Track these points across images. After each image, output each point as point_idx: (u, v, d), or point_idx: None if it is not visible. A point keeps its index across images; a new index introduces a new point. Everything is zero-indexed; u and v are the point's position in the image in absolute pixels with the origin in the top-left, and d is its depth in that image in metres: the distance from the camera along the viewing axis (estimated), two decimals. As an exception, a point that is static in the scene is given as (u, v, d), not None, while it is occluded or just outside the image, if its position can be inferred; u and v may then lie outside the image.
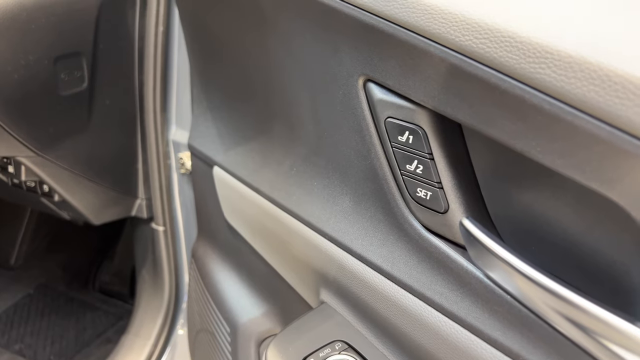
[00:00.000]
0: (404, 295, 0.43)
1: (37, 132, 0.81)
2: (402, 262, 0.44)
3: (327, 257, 0.52)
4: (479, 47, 0.32)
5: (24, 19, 0.74)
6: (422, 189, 0.41)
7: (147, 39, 0.93)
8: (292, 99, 0.56)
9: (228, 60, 0.68)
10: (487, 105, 0.33)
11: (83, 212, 0.99)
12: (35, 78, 0.78)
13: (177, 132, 1.01)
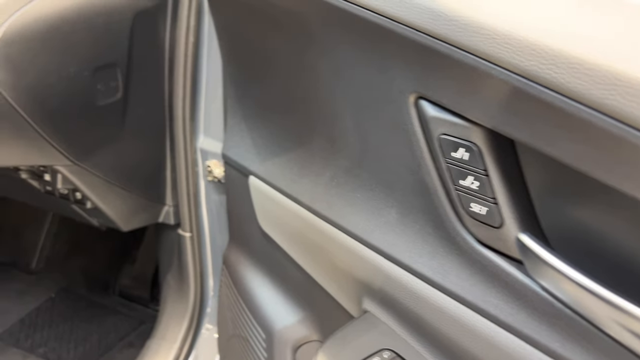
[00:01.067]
0: (456, 306, 0.45)
1: (75, 142, 0.83)
2: (454, 274, 0.45)
3: (371, 267, 0.54)
4: (545, 72, 0.34)
5: (66, 30, 0.76)
6: (477, 204, 0.43)
7: (177, 50, 0.95)
8: (333, 112, 0.58)
9: (265, 72, 0.69)
10: (550, 126, 0.35)
11: (114, 219, 1.01)
12: (74, 89, 0.80)
13: (205, 141, 1.03)
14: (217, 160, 1.02)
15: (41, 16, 0.74)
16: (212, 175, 1.03)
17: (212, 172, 1.03)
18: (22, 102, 0.72)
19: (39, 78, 0.74)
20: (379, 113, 0.51)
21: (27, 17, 0.72)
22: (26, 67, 0.72)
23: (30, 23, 0.72)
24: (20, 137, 0.75)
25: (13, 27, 0.70)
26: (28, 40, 0.72)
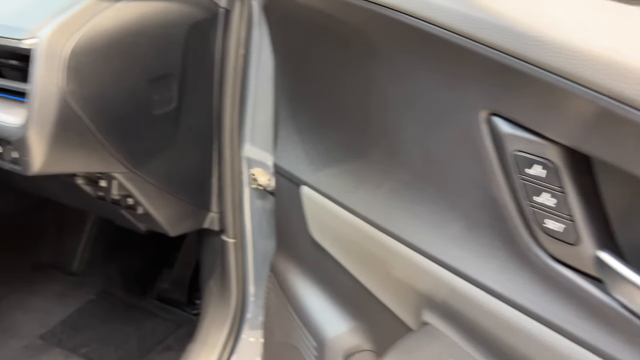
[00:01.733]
0: (528, 322, 0.45)
1: (132, 150, 0.86)
2: (526, 289, 0.46)
3: (434, 280, 0.55)
4: (633, 93, 0.34)
5: (127, 43, 0.79)
6: (552, 220, 0.43)
7: (227, 61, 0.98)
8: (395, 125, 0.59)
9: (322, 84, 0.71)
10: (635, 145, 0.35)
11: (162, 224, 1.04)
12: (133, 99, 0.83)
13: (250, 149, 1.05)
14: (261, 169, 1.04)
15: (106, 29, 0.77)
16: (256, 182, 1.05)
17: (256, 179, 1.05)
18: (87, 112, 0.75)
19: (102, 88, 0.77)
20: (445, 127, 0.52)
21: (93, 30, 0.75)
22: (92, 78, 0.75)
23: (96, 36, 0.75)
24: (84, 145, 0.77)
25: (82, 39, 0.73)
26: (94, 52, 0.75)
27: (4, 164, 0.77)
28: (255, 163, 1.04)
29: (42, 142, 0.71)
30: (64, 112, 0.72)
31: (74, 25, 0.73)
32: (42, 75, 0.69)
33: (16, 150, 0.73)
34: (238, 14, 0.96)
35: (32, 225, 1.68)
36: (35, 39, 0.71)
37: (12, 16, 0.76)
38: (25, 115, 0.71)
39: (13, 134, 0.71)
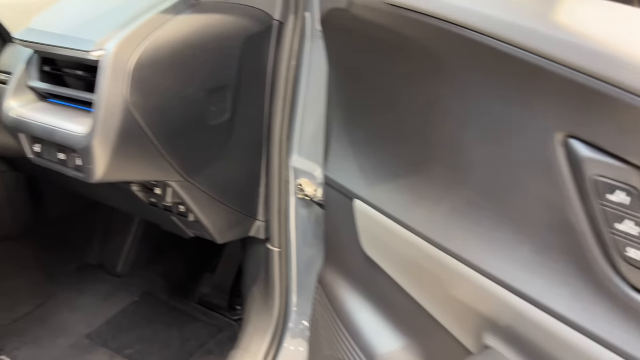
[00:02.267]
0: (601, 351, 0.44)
1: (188, 160, 0.88)
2: (602, 319, 0.44)
3: (498, 303, 0.53)
4: None
5: (187, 55, 0.81)
6: (635, 249, 0.41)
7: (279, 72, 0.99)
8: (459, 143, 0.58)
9: (380, 99, 0.70)
10: None
11: (212, 232, 1.05)
12: (191, 110, 0.85)
13: (298, 160, 1.05)
14: (308, 179, 1.04)
15: (168, 42, 0.79)
16: (302, 193, 1.05)
17: (303, 189, 1.05)
18: (148, 122, 0.77)
19: (163, 100, 0.79)
20: (516, 148, 0.50)
21: (156, 43, 0.77)
22: (154, 90, 0.77)
23: (159, 48, 0.77)
24: (144, 155, 0.79)
25: (145, 52, 0.75)
26: (157, 64, 0.77)
27: (67, 170, 0.80)
28: (302, 173, 1.05)
29: (106, 151, 0.73)
30: (127, 123, 0.74)
31: (138, 38, 0.75)
32: (109, 86, 0.71)
33: (80, 158, 0.75)
34: (292, 26, 0.97)
35: (81, 227, 1.73)
36: (103, 51, 0.73)
37: (79, 29, 0.79)
38: (91, 124, 0.73)
39: (78, 142, 0.73)
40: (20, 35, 0.83)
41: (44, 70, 0.87)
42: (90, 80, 0.83)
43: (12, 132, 0.84)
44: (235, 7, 0.90)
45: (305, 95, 1.01)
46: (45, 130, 0.78)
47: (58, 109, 0.82)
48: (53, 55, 0.81)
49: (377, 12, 0.59)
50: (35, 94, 0.87)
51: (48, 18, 0.85)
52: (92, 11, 0.84)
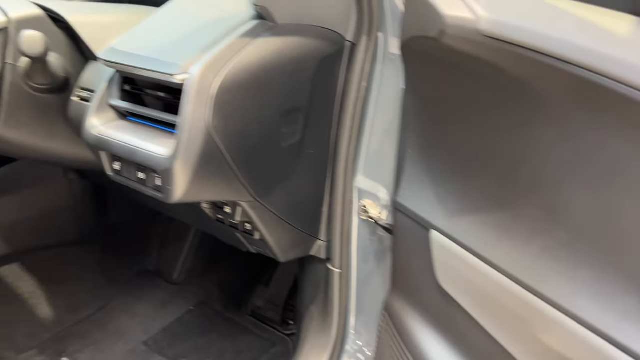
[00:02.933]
0: None
1: (259, 180, 0.88)
2: None
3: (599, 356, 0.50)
4: None
5: (264, 78, 0.82)
6: None
7: (349, 93, 0.98)
8: (555, 181, 0.55)
9: (465, 128, 0.68)
10: None
11: (275, 250, 1.05)
12: (266, 132, 0.85)
13: (363, 181, 1.04)
14: (372, 201, 1.03)
15: (247, 66, 0.79)
16: (366, 214, 1.04)
17: (367, 211, 1.04)
18: (227, 146, 0.78)
19: (242, 123, 0.79)
20: (625, 189, 0.48)
21: (237, 67, 0.78)
22: (234, 113, 0.78)
23: (240, 72, 0.78)
24: (221, 177, 0.80)
25: (227, 76, 0.76)
26: (237, 88, 0.78)
27: (145, 189, 0.82)
28: (367, 194, 1.04)
29: (186, 173, 0.74)
30: (207, 146, 0.75)
31: (220, 62, 0.76)
32: (192, 110, 0.72)
33: (160, 179, 0.77)
34: (364, 47, 0.96)
35: (140, 234, 1.78)
36: (187, 75, 0.75)
37: (161, 51, 0.81)
38: (173, 147, 0.74)
39: (160, 164, 0.75)
40: (104, 55, 0.86)
41: (124, 89, 0.89)
42: (169, 102, 0.85)
43: (93, 149, 0.87)
44: (310, 29, 0.90)
45: (373, 116, 1.00)
46: (126, 150, 0.80)
47: (138, 128, 0.85)
48: (135, 76, 0.83)
49: (473, 44, 0.57)
50: (115, 112, 0.89)
51: (131, 39, 0.88)
52: (173, 34, 0.86)
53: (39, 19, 0.94)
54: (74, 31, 0.99)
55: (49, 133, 0.97)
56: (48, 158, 1.00)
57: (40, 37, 0.85)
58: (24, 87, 0.92)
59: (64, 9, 0.99)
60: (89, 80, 0.97)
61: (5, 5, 0.94)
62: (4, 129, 0.93)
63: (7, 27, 0.90)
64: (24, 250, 1.52)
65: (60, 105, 0.97)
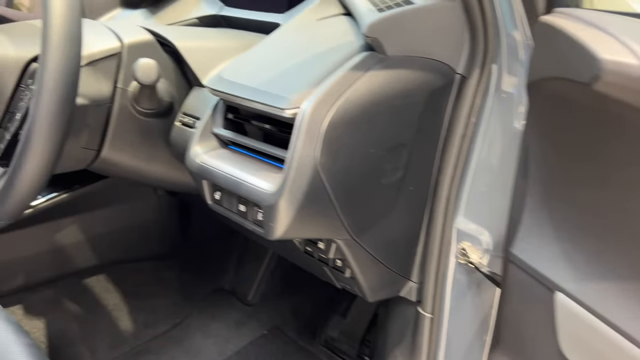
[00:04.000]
0: None
1: (359, 219, 0.84)
2: None
3: None
4: None
5: (374, 113, 0.78)
6: None
7: (456, 129, 0.92)
8: None
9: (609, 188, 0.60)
10: None
11: (364, 289, 1.00)
12: (371, 169, 0.81)
13: (463, 222, 0.97)
14: (473, 244, 0.96)
15: (358, 100, 0.75)
16: (465, 258, 0.97)
17: (466, 254, 0.96)
18: (332, 183, 0.74)
19: (348, 160, 0.76)
20: None
21: (348, 102, 0.74)
22: (341, 150, 0.74)
23: (350, 107, 0.74)
24: (322, 214, 0.77)
25: (338, 112, 0.73)
26: (347, 124, 0.74)
27: (245, 222, 0.79)
28: (467, 236, 0.96)
29: (291, 210, 0.71)
30: (314, 183, 0.71)
31: (332, 97, 0.73)
32: (302, 146, 0.69)
33: (262, 214, 0.74)
34: (475, 80, 0.90)
35: (218, 252, 1.79)
36: (297, 109, 0.72)
37: (270, 83, 0.79)
38: (279, 182, 0.71)
39: (265, 199, 0.72)
40: (211, 83, 0.85)
41: (227, 117, 0.88)
42: (272, 133, 0.83)
43: (196, 177, 0.86)
44: (420, 61, 0.85)
45: (480, 155, 0.93)
46: (230, 181, 0.78)
47: (240, 159, 0.83)
48: (242, 106, 0.82)
49: (635, 93, 0.50)
50: (217, 140, 0.88)
51: (238, 68, 0.87)
52: (281, 64, 0.84)
53: (149, 44, 0.96)
54: (179, 56, 0.99)
55: (151, 156, 0.98)
56: (147, 180, 1.01)
57: (154, 65, 0.86)
58: (131, 110, 0.93)
59: (171, 33, 1.01)
60: (193, 106, 0.97)
61: (118, 30, 0.96)
62: (109, 151, 0.94)
63: (120, 52, 0.92)
64: (110, 262, 1.56)
65: (163, 129, 0.98)
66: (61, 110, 0.72)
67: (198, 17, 1.24)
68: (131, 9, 1.34)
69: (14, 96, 0.83)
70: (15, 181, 0.73)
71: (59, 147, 0.75)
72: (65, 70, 0.71)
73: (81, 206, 1.44)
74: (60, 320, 1.46)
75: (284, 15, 1.11)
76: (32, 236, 1.36)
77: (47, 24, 0.70)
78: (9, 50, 0.83)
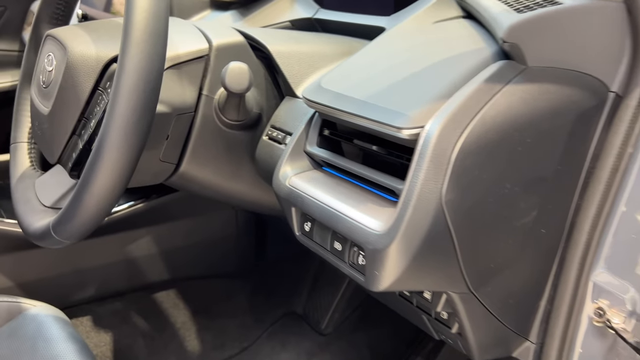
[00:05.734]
0: None
1: (481, 267, 0.67)
2: None
3: None
4: None
5: (515, 138, 0.61)
6: None
7: (605, 160, 0.73)
8: None
9: None
10: None
11: (472, 348, 0.83)
12: (503, 207, 0.64)
13: (603, 275, 0.77)
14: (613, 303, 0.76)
15: (494, 121, 0.59)
16: (602, 319, 0.77)
17: (603, 315, 0.77)
18: (456, 225, 0.58)
19: (479, 197, 0.59)
20: None
21: (484, 123, 0.58)
22: (472, 184, 0.58)
23: (486, 130, 0.58)
24: (440, 264, 0.61)
25: (471, 134, 0.57)
26: (481, 151, 0.58)
27: (341, 264, 0.65)
28: (606, 293, 0.77)
29: (404, 258, 0.56)
30: (436, 225, 0.56)
31: (464, 116, 0.57)
32: (425, 177, 0.54)
33: (365, 258, 0.59)
34: (636, 101, 0.71)
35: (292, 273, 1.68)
36: (418, 129, 0.57)
37: (381, 95, 0.65)
38: (391, 221, 0.56)
39: (371, 241, 0.57)
40: (309, 94, 0.72)
41: (323, 133, 0.75)
42: (380, 157, 0.68)
43: (284, 203, 0.73)
44: (567, 74, 0.68)
45: (632, 192, 0.74)
46: (325, 213, 0.64)
47: (339, 185, 0.69)
48: (344, 122, 0.68)
49: None
50: (310, 160, 0.75)
51: (339, 76, 0.73)
52: (393, 73, 0.69)
53: (240, 46, 0.85)
54: (270, 62, 0.88)
55: (233, 173, 0.87)
56: (227, 199, 0.90)
57: (246, 71, 0.75)
58: (215, 121, 0.82)
59: (265, 36, 0.89)
60: (283, 119, 0.84)
61: (206, 29, 0.86)
62: (189, 165, 0.84)
63: (208, 54, 0.81)
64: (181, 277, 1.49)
65: (249, 143, 0.86)
66: (139, 118, 0.62)
67: (291, 20, 1.13)
68: (221, 11, 1.25)
69: (91, 100, 0.74)
70: (83, 197, 0.63)
71: (134, 160, 0.64)
72: (145, 71, 0.61)
73: (156, 217, 1.37)
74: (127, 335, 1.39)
75: (389, 18, 0.97)
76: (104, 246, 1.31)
77: (128, 18, 0.60)
78: (89, 48, 0.74)
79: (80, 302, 1.34)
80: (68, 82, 0.74)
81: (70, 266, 1.28)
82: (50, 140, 0.77)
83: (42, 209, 0.79)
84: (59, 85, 0.75)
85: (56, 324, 0.93)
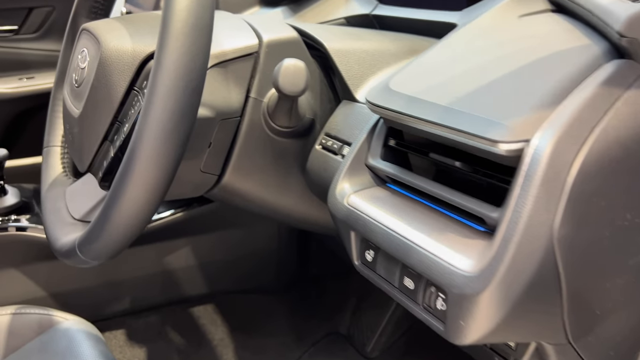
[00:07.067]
0: None
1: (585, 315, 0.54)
2: None
3: None
4: None
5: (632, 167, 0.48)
6: None
7: None
8: None
9: None
10: None
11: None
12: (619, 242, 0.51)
13: None
14: None
15: (617, 134, 0.46)
16: None
17: None
18: (567, 266, 0.46)
19: (596, 230, 0.47)
20: None
21: (604, 137, 0.45)
22: (590, 215, 0.45)
23: (608, 146, 0.45)
24: (541, 312, 0.48)
25: (591, 152, 0.44)
26: (602, 173, 0.45)
27: (411, 305, 0.54)
28: None
29: (501, 309, 0.44)
30: (544, 267, 0.44)
31: (582, 128, 0.45)
32: (534, 206, 0.42)
33: (447, 303, 0.48)
34: None
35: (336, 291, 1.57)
36: (522, 143, 0.45)
37: (464, 101, 0.53)
38: (486, 260, 0.44)
39: (456, 284, 0.46)
40: (374, 97, 0.61)
41: (388, 144, 0.64)
42: (464, 176, 0.57)
43: (340, 225, 0.62)
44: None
45: None
46: (393, 241, 0.53)
47: (408, 208, 0.57)
48: (420, 132, 0.57)
49: None
50: (372, 174, 0.64)
51: (409, 78, 0.62)
52: (478, 75, 0.57)
53: (294, 43, 0.74)
54: (326, 61, 0.77)
55: (281, 185, 0.76)
56: (272, 214, 0.79)
57: (303, 70, 0.64)
58: (263, 127, 0.72)
59: (321, 32, 0.79)
60: (339, 127, 0.74)
61: (257, 24, 0.76)
62: (232, 175, 0.74)
63: (257, 52, 0.71)
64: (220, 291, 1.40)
65: (299, 153, 0.76)
66: (177, 123, 0.52)
67: (346, 16, 1.02)
68: (270, 7, 1.16)
69: (125, 101, 0.65)
70: (110, 215, 0.54)
71: (171, 172, 0.55)
72: (186, 69, 0.51)
73: (195, 227, 1.29)
74: (162, 350, 1.32)
75: (461, 13, 0.85)
76: (140, 257, 1.24)
77: (168, 7, 0.51)
78: (124, 43, 0.66)
79: (114, 315, 1.27)
80: (101, 81, 0.66)
81: (105, 277, 1.22)
82: (80, 146, 0.69)
83: (71, 222, 0.71)
84: (91, 84, 0.66)
85: (88, 341, 0.86)
